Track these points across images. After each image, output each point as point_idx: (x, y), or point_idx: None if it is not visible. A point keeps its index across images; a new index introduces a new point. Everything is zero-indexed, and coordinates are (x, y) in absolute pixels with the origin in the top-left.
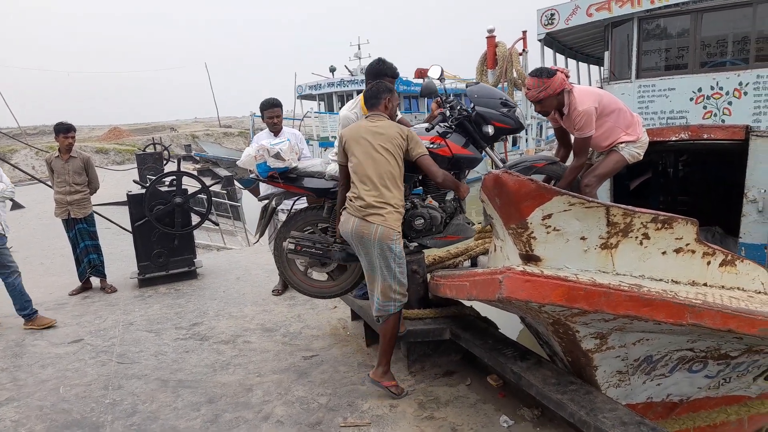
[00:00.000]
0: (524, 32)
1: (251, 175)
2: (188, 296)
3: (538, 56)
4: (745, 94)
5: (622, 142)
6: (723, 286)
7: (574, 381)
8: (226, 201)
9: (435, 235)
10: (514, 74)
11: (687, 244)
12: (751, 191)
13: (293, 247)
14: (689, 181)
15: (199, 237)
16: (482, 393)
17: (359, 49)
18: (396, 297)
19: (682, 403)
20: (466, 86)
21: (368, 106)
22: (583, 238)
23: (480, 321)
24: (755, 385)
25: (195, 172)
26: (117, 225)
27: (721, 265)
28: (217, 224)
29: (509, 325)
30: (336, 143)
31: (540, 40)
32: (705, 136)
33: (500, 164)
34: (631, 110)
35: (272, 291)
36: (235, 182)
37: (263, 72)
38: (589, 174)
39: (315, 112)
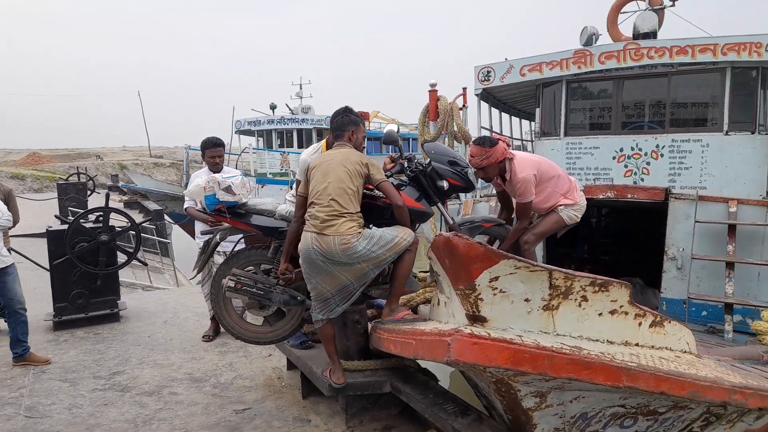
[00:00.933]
0: (464, 89)
1: (198, 207)
2: (109, 341)
3: (476, 110)
4: (662, 155)
5: (561, 205)
6: (653, 346)
7: None
8: (155, 237)
9: (381, 285)
10: (455, 127)
11: (621, 306)
12: (671, 249)
13: (233, 285)
14: (612, 232)
15: (124, 275)
16: None
17: (301, 88)
18: (388, 255)
19: None
20: (422, 144)
21: (334, 137)
22: (527, 300)
23: (420, 374)
24: None
25: (122, 205)
26: (33, 262)
27: (651, 325)
28: (145, 263)
29: (442, 368)
30: (298, 175)
31: (477, 95)
32: (629, 196)
33: (450, 220)
34: (561, 165)
35: (202, 337)
36: (166, 217)
37: (199, 103)
38: (528, 232)
39: (253, 149)
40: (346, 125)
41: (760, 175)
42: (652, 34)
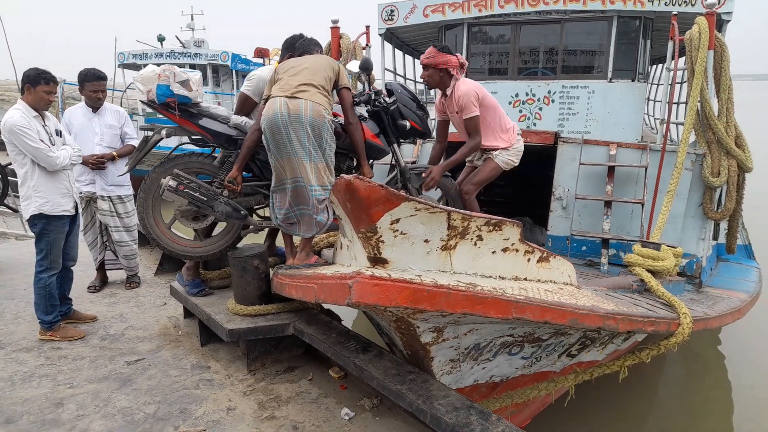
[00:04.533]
0: (367, 27)
1: (143, 98)
2: None
3: (380, 51)
4: (553, 101)
5: (496, 150)
6: (539, 280)
7: (412, 371)
8: None
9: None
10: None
11: (513, 244)
12: (558, 190)
13: (174, 186)
14: (508, 174)
15: None
16: (324, 387)
17: (192, 20)
18: (330, 181)
19: (502, 383)
20: (387, 82)
21: (299, 55)
22: (426, 241)
23: (323, 314)
24: (559, 362)
25: None
26: None
27: (538, 261)
28: (15, 210)
29: (346, 309)
30: (254, 88)
31: (380, 35)
32: (525, 140)
33: (402, 162)
34: None
35: (88, 288)
36: None
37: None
38: (467, 182)
39: None
40: (312, 46)
41: (636, 121)
42: None
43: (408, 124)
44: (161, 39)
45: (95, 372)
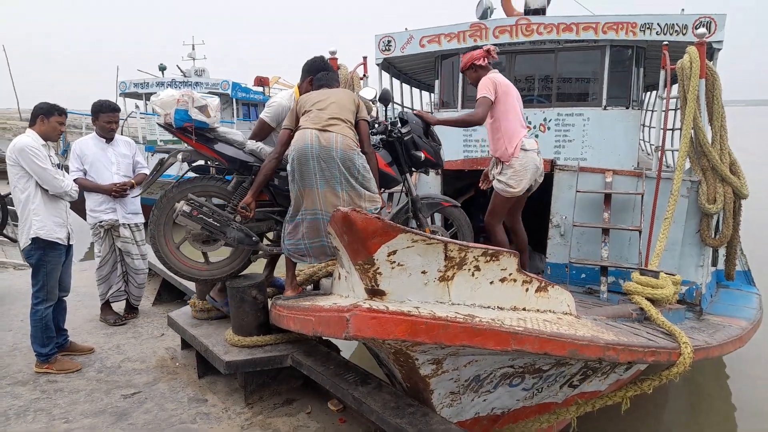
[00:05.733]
0: (365, 58)
1: (159, 121)
2: None
3: (377, 81)
4: (548, 128)
5: (496, 179)
6: (538, 310)
7: (412, 404)
8: None
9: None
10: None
11: (510, 274)
12: (555, 217)
13: (188, 210)
14: None
15: None
16: (323, 420)
17: (193, 49)
18: (365, 205)
19: (504, 415)
20: (401, 112)
21: (318, 87)
22: (423, 272)
23: (322, 345)
24: (561, 392)
25: None
26: None
27: (536, 290)
28: (15, 240)
29: (348, 342)
30: (273, 116)
31: (378, 65)
32: None
33: (414, 192)
34: (458, 137)
35: (114, 322)
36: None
37: (78, 60)
38: (487, 216)
39: (141, 113)
40: (333, 81)
41: (632, 148)
42: (541, 11)
43: (422, 155)
44: (162, 68)
45: (91, 406)
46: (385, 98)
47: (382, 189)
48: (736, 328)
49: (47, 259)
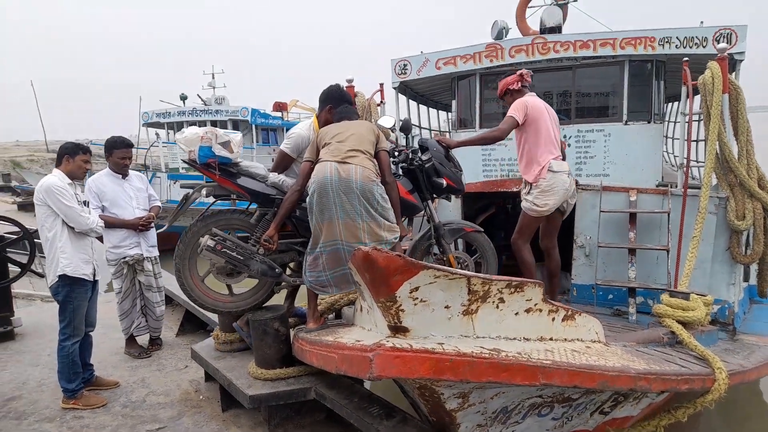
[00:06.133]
0: (381, 84)
1: (185, 157)
2: (3, 363)
3: (394, 104)
4: (569, 145)
5: (523, 199)
6: (566, 339)
7: None
8: None
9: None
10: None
11: (535, 304)
12: (579, 238)
13: (212, 245)
14: None
15: (19, 285)
16: None
17: (213, 78)
18: (385, 235)
19: None
20: (422, 140)
21: (338, 119)
22: (447, 307)
23: (345, 377)
24: (592, 420)
25: (16, 207)
26: None
27: (563, 319)
28: (42, 274)
29: None
30: (293, 147)
31: (395, 88)
32: None
33: (437, 219)
34: (477, 156)
35: (139, 355)
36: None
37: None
38: (514, 235)
39: (163, 142)
40: (352, 114)
41: (655, 162)
42: (557, 29)
43: (444, 182)
44: (183, 98)
45: None
46: (406, 128)
47: (404, 217)
48: None
49: (74, 296)
